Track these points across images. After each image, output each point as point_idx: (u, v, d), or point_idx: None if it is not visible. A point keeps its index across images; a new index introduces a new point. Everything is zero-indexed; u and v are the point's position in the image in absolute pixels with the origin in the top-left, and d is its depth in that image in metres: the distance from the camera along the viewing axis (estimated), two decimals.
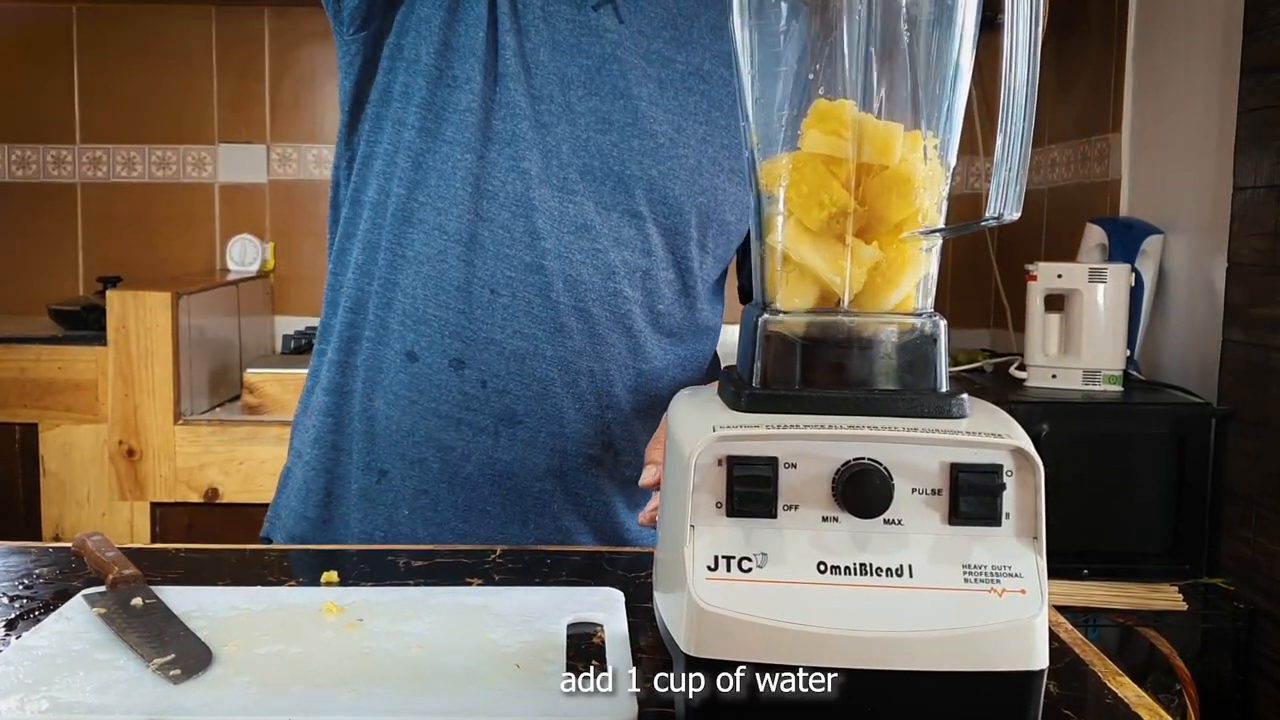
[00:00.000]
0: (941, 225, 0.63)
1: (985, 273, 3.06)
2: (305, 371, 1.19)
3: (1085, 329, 2.14)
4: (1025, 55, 0.57)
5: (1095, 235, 2.39)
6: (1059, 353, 2.18)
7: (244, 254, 2.91)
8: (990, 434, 0.58)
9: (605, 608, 0.80)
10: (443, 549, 0.97)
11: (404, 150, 1.07)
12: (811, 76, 0.63)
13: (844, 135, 0.62)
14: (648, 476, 0.96)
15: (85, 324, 2.65)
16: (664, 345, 1.13)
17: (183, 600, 0.80)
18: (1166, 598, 1.90)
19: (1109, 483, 2.01)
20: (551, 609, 0.80)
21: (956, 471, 0.58)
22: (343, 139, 1.13)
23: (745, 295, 1.29)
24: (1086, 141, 2.63)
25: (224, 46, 3.02)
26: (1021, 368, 2.24)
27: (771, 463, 0.59)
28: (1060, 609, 1.88)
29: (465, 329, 1.07)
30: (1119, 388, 2.13)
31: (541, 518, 1.10)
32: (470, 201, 1.06)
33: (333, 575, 0.88)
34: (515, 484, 1.09)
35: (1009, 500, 0.58)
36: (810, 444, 0.59)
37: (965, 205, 2.95)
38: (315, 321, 3.42)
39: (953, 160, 0.64)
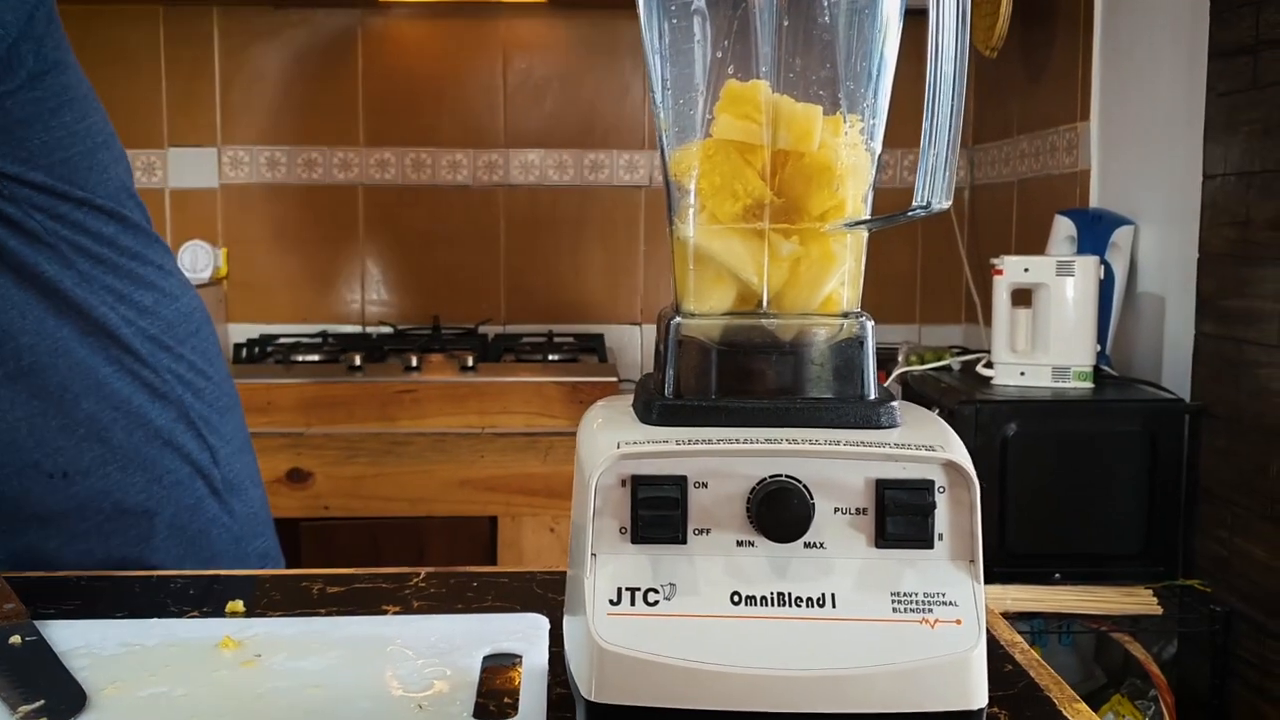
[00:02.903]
0: (867, 217, 0.58)
1: (955, 268, 3.01)
2: (259, 381, 1.09)
3: (1053, 324, 2.08)
4: (952, 32, 0.52)
5: (1064, 227, 2.34)
6: (1027, 349, 2.12)
7: (195, 260, 2.83)
8: (920, 446, 0.53)
9: (527, 636, 0.75)
10: (362, 573, 0.91)
11: None
12: (720, 54, 0.57)
13: (758, 119, 0.56)
14: None
15: None
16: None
17: (70, 636, 0.74)
18: (1140, 601, 1.85)
19: (1080, 483, 1.96)
20: (468, 640, 0.74)
21: (882, 489, 0.52)
22: None
23: None
24: (1055, 131, 2.58)
25: (172, 47, 2.93)
26: (989, 365, 2.19)
27: (680, 482, 0.53)
28: (1031, 615, 1.85)
29: None
30: (1089, 384, 2.07)
31: None
32: None
33: (238, 605, 0.82)
34: None
35: (941, 520, 0.53)
36: (721, 460, 0.53)
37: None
38: (270, 329, 3.33)
39: (878, 147, 0.58)
